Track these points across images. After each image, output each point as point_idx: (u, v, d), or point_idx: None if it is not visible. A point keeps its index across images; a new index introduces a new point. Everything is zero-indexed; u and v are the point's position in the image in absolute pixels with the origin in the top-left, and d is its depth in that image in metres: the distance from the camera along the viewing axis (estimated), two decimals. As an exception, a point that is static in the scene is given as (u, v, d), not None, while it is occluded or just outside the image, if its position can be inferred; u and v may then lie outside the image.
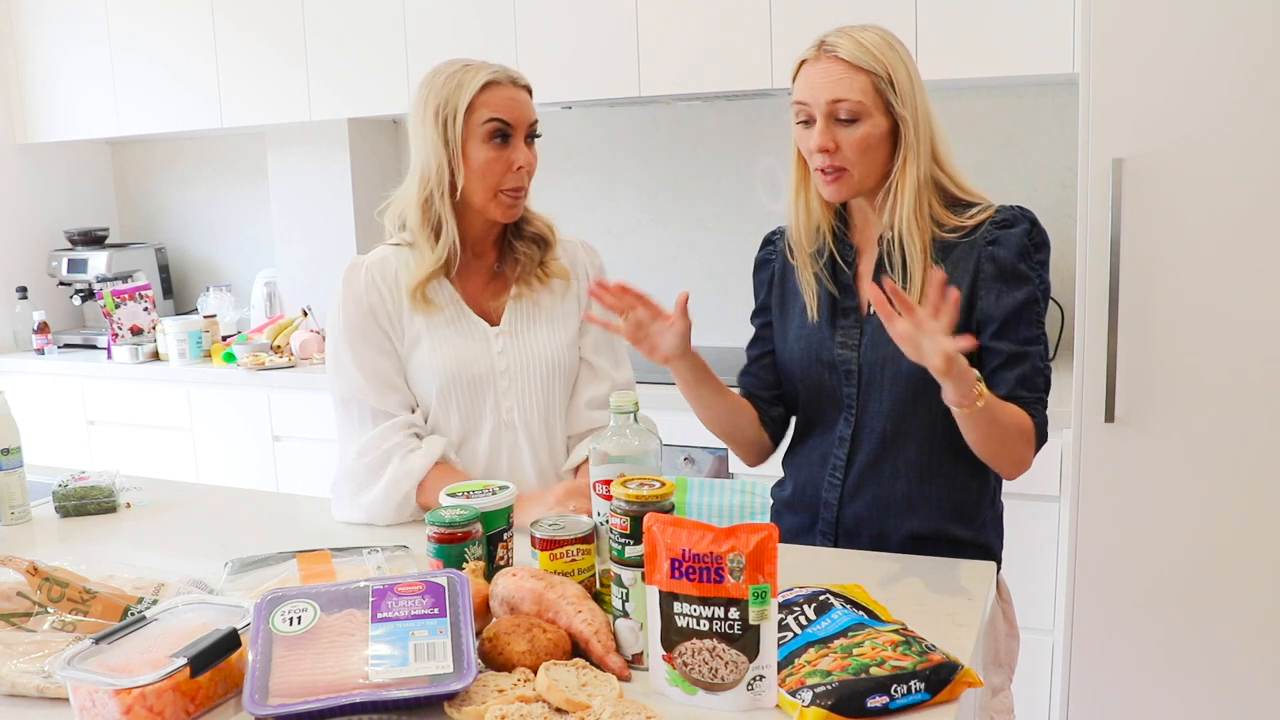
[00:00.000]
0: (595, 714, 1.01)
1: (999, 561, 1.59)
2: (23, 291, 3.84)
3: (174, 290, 4.10)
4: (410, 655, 1.06)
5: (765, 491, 1.75)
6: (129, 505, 1.85)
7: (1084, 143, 2.04)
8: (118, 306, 3.57)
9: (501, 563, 1.33)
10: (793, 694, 1.04)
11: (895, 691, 1.03)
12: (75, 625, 1.24)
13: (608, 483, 1.24)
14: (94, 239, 3.95)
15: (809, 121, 1.47)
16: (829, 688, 1.02)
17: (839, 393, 1.56)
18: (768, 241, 1.68)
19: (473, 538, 1.27)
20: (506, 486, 1.36)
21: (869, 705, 1.01)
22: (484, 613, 1.21)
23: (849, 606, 1.18)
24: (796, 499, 1.63)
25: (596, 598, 1.23)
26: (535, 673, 1.08)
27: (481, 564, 1.28)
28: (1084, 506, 2.13)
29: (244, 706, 1.02)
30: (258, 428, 3.31)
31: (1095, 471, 2.11)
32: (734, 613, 1.04)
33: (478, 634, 1.13)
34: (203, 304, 3.78)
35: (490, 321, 1.73)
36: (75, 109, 3.79)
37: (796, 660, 1.09)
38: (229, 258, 4.11)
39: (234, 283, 3.97)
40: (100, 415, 3.61)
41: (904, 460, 1.52)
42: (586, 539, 1.24)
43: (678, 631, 1.07)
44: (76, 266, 3.86)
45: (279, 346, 3.41)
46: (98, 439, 3.61)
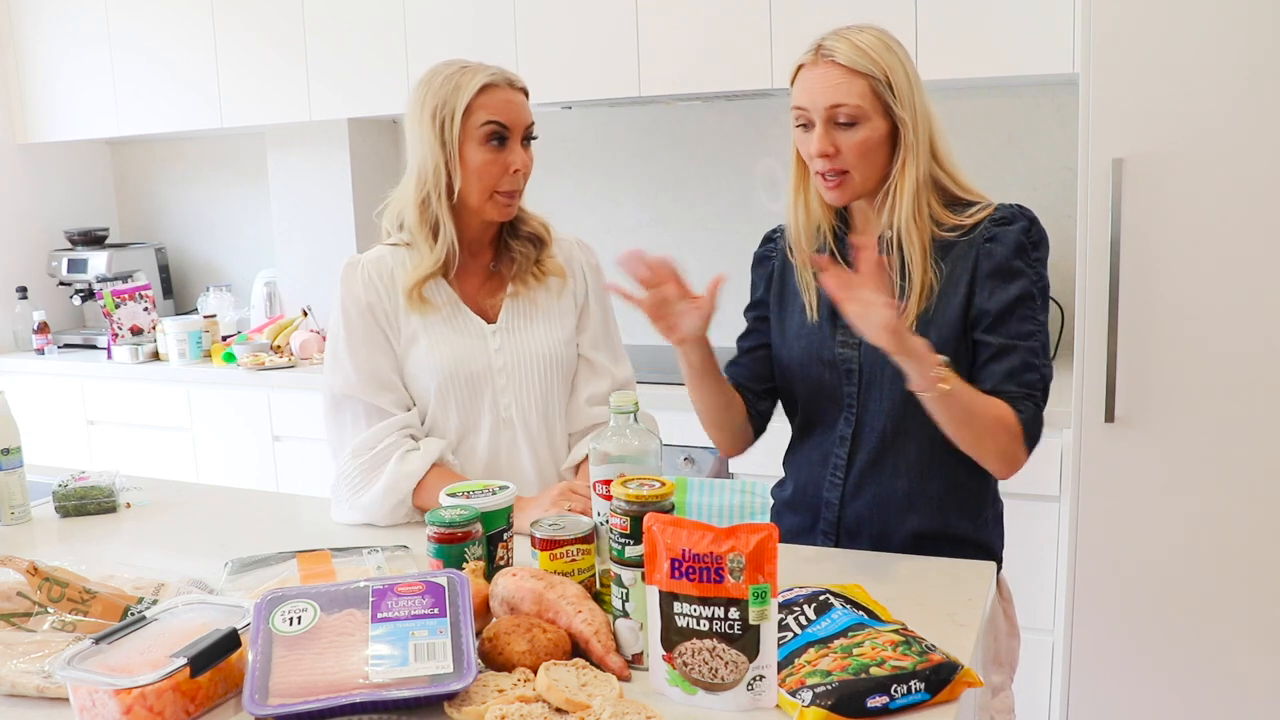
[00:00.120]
0: (595, 714, 1.01)
1: (999, 561, 1.59)
2: (23, 291, 3.84)
3: (174, 290, 4.10)
4: (410, 655, 1.06)
5: (765, 491, 1.75)
6: (129, 505, 1.85)
7: (1084, 142, 2.04)
8: (118, 306, 3.56)
9: (501, 563, 1.33)
10: (793, 694, 1.04)
11: (895, 691, 1.03)
12: (75, 625, 1.24)
13: (608, 483, 1.24)
14: (94, 239, 3.95)
15: (808, 125, 1.47)
16: (829, 688, 1.02)
17: (839, 392, 1.56)
18: (768, 239, 1.68)
19: (473, 538, 1.27)
20: (506, 486, 1.36)
21: (869, 705, 1.01)
22: (484, 613, 1.21)
23: (849, 606, 1.18)
24: (797, 499, 1.63)
25: (596, 598, 1.23)
26: (535, 673, 1.08)
27: (481, 564, 1.28)
28: (1084, 506, 2.13)
29: (244, 706, 1.02)
30: (258, 428, 3.31)
31: (1095, 471, 2.11)
32: (734, 613, 1.04)
33: (478, 634, 1.13)
34: (203, 304, 3.77)
35: (487, 319, 1.73)
36: (75, 109, 3.79)
37: (796, 660, 1.09)
38: (229, 258, 4.11)
39: (234, 283, 3.97)
40: (100, 415, 3.61)
41: (905, 458, 1.52)
42: (586, 539, 1.24)
43: (678, 631, 1.07)
44: (76, 266, 3.86)
45: (279, 346, 3.41)
46: (98, 439, 3.61)
